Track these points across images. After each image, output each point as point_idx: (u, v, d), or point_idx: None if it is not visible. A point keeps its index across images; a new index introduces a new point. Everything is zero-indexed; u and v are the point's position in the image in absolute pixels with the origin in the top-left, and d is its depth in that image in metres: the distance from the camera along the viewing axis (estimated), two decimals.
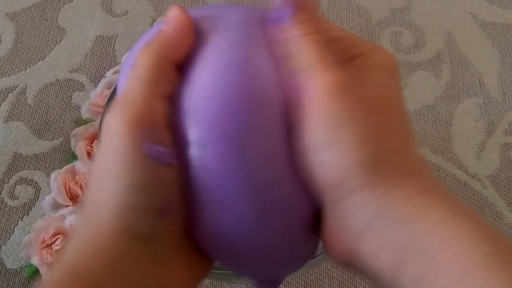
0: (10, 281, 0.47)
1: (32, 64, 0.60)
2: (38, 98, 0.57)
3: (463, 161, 0.53)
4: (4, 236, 0.49)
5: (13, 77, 0.59)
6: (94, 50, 0.61)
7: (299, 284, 0.46)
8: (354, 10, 0.65)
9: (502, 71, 0.59)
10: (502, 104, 0.57)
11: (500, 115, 0.56)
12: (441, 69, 0.60)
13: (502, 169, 0.53)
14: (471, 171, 0.52)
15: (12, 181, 0.52)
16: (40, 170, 0.53)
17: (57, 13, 0.64)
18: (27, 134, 0.55)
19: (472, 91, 0.58)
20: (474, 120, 0.56)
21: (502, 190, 0.51)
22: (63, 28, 0.63)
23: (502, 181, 0.52)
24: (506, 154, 0.54)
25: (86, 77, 0.59)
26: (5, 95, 0.57)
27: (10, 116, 0.56)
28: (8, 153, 0.54)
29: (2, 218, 0.50)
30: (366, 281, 0.46)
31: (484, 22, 0.64)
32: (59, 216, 0.48)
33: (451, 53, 0.61)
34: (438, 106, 0.57)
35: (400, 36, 0.62)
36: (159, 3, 0.65)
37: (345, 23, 0.63)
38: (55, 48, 0.61)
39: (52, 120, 0.56)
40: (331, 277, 0.47)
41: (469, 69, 0.60)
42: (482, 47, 0.61)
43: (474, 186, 0.51)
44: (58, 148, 0.54)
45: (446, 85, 0.58)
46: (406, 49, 0.61)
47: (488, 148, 0.54)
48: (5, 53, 0.61)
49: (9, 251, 0.48)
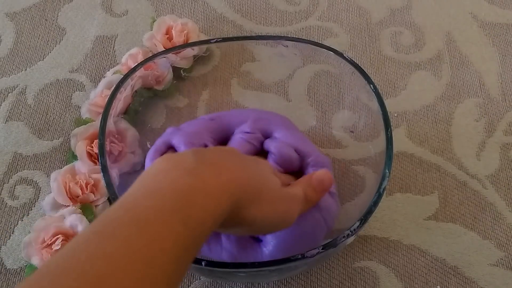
0: (10, 281, 0.47)
1: (32, 64, 0.60)
2: (38, 98, 0.57)
3: (463, 161, 0.53)
4: (4, 236, 0.49)
5: (13, 77, 0.59)
6: (94, 50, 0.61)
7: (299, 284, 0.46)
8: (354, 10, 0.65)
9: (502, 71, 0.59)
10: (502, 104, 0.57)
11: (500, 115, 0.56)
12: (441, 69, 0.60)
13: (502, 169, 0.53)
14: (471, 171, 0.52)
15: (12, 181, 0.52)
16: (40, 170, 0.53)
17: (57, 13, 0.64)
18: (27, 134, 0.55)
19: (472, 91, 0.58)
20: (474, 120, 0.56)
21: (502, 190, 0.51)
22: (63, 28, 0.63)
23: (502, 181, 0.52)
24: (506, 154, 0.54)
25: (86, 77, 0.59)
26: (5, 95, 0.57)
27: (10, 116, 0.56)
28: (8, 153, 0.54)
29: (2, 218, 0.50)
30: (366, 281, 0.46)
31: (484, 22, 0.64)
32: (59, 216, 0.48)
33: (451, 53, 0.61)
34: (438, 106, 0.57)
35: (400, 36, 0.62)
36: (159, 3, 0.65)
37: (345, 23, 0.63)
38: (55, 48, 0.61)
39: (52, 120, 0.56)
40: (331, 277, 0.47)
41: (469, 69, 0.60)
42: (482, 47, 0.61)
43: (474, 186, 0.51)
44: (58, 148, 0.54)
45: (446, 85, 0.58)
46: (406, 49, 0.61)
47: (488, 148, 0.54)
48: (5, 53, 0.61)
49: (9, 251, 0.48)
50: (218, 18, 0.64)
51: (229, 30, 0.63)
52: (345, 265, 0.47)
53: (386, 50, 0.61)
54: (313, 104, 0.54)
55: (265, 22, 0.63)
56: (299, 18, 0.64)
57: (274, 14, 0.64)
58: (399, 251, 0.48)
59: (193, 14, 0.64)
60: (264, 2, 0.65)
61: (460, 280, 0.46)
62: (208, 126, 0.45)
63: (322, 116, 0.53)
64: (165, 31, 0.58)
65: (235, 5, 0.65)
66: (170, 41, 0.58)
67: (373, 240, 0.48)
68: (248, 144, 0.44)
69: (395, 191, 0.51)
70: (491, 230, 0.49)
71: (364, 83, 0.44)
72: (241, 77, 0.57)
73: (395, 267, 0.47)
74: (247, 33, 0.62)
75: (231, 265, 0.36)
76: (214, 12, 0.64)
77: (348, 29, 0.63)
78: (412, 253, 0.48)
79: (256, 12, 0.64)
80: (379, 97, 0.43)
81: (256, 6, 0.65)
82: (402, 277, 0.47)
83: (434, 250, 0.48)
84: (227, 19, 0.64)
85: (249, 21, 0.64)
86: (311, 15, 0.64)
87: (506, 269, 0.47)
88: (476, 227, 0.49)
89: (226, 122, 0.46)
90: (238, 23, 0.63)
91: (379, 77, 0.59)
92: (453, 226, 0.49)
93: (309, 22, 0.63)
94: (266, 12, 0.64)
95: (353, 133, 0.51)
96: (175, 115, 0.53)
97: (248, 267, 0.36)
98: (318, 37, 0.62)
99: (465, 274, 0.47)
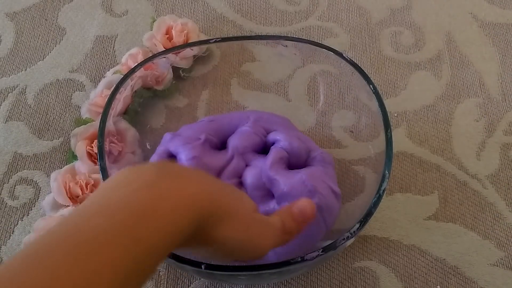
0: None
1: (32, 64, 0.60)
2: (38, 98, 0.57)
3: (463, 161, 0.53)
4: (4, 236, 0.49)
5: (13, 77, 0.59)
6: (94, 50, 0.61)
7: (299, 284, 0.46)
8: (354, 10, 0.65)
9: (502, 71, 0.59)
10: (502, 104, 0.57)
11: (500, 115, 0.56)
12: (441, 69, 0.59)
13: (502, 169, 0.53)
14: (471, 171, 0.52)
15: (12, 181, 0.52)
16: (40, 170, 0.53)
17: (57, 13, 0.64)
18: (27, 134, 0.55)
19: (472, 91, 0.58)
20: (474, 120, 0.56)
21: (502, 190, 0.51)
22: (63, 28, 0.63)
23: (502, 181, 0.52)
24: (506, 154, 0.54)
25: (86, 77, 0.59)
26: (5, 95, 0.57)
27: (10, 116, 0.56)
28: (8, 153, 0.54)
29: (2, 218, 0.50)
30: (366, 281, 0.46)
31: (484, 22, 0.63)
32: (59, 216, 0.48)
33: (451, 53, 0.61)
34: (438, 106, 0.57)
35: (400, 36, 0.62)
36: (159, 3, 0.65)
37: (345, 23, 0.63)
38: (55, 48, 0.61)
39: (52, 120, 0.56)
40: (331, 277, 0.47)
41: (469, 69, 0.59)
42: (482, 47, 0.61)
43: (474, 186, 0.51)
44: (58, 148, 0.54)
45: (446, 85, 0.58)
46: (406, 49, 0.61)
47: (488, 148, 0.54)
48: (5, 53, 0.61)
49: (9, 251, 0.48)
50: (218, 18, 0.64)
51: (229, 30, 0.63)
52: (345, 265, 0.47)
53: (386, 50, 0.61)
54: (313, 104, 0.54)
55: (265, 22, 0.63)
56: (299, 18, 0.64)
57: (274, 14, 0.64)
58: (399, 251, 0.48)
59: (193, 14, 0.64)
60: (264, 2, 0.65)
61: (460, 280, 0.46)
62: (208, 127, 0.45)
63: (322, 116, 0.53)
64: (165, 31, 0.58)
65: (235, 5, 0.65)
66: (170, 41, 0.58)
67: (373, 240, 0.48)
68: (256, 136, 0.44)
69: (395, 191, 0.51)
70: (491, 230, 0.49)
71: (364, 83, 0.44)
72: (241, 77, 0.57)
73: (395, 267, 0.47)
74: (247, 33, 0.62)
75: (231, 268, 0.36)
76: (214, 12, 0.64)
77: (348, 29, 0.63)
78: (412, 253, 0.48)
79: (256, 12, 0.64)
80: (379, 97, 0.43)
81: (256, 6, 0.65)
82: (402, 277, 0.47)
83: (434, 250, 0.48)
84: (227, 19, 0.64)
85: (249, 21, 0.64)
86: (311, 15, 0.64)
87: (506, 269, 0.47)
88: (476, 227, 0.49)
89: (226, 122, 0.46)
90: (238, 23, 0.63)
91: (379, 77, 0.59)
92: (453, 226, 0.49)
93: (309, 22, 0.63)
94: (266, 12, 0.64)
95: (353, 133, 0.51)
96: (175, 115, 0.53)
97: (248, 270, 0.36)
98: (318, 37, 0.62)
99: (465, 274, 0.47)
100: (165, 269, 0.47)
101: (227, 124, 0.46)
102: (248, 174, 0.42)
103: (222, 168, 0.43)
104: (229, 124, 0.46)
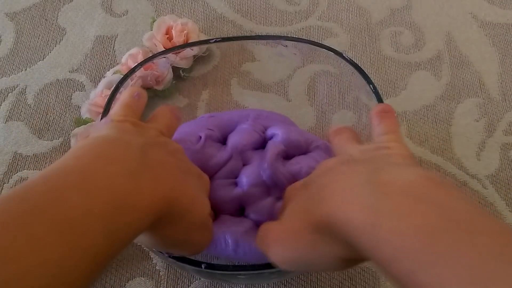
0: None
1: (32, 64, 0.60)
2: (38, 98, 0.57)
3: (463, 161, 0.53)
4: None
5: (13, 77, 0.59)
6: (94, 50, 0.61)
7: (299, 284, 0.46)
8: (354, 10, 0.65)
9: (502, 71, 0.59)
10: (502, 104, 0.57)
11: (500, 115, 0.56)
12: (441, 69, 0.59)
13: (502, 169, 0.53)
14: (471, 171, 0.52)
15: (12, 181, 0.52)
16: (40, 170, 0.53)
17: (57, 13, 0.64)
18: (27, 134, 0.55)
19: (472, 91, 0.58)
20: (474, 120, 0.56)
21: (502, 190, 0.51)
22: (63, 28, 0.63)
23: (502, 181, 0.52)
24: (506, 154, 0.54)
25: (86, 77, 0.59)
26: (5, 95, 0.57)
27: (10, 116, 0.56)
28: (8, 153, 0.54)
29: None
30: (366, 281, 0.46)
31: (484, 22, 0.64)
32: None
33: (451, 53, 0.61)
34: (438, 106, 0.57)
35: (400, 36, 0.62)
36: (159, 3, 0.65)
37: (345, 23, 0.63)
38: (55, 48, 0.61)
39: (52, 120, 0.56)
40: (331, 277, 0.47)
41: (469, 69, 0.59)
42: (482, 47, 0.61)
43: (474, 186, 0.51)
44: (58, 148, 0.54)
45: (446, 85, 0.58)
46: (406, 49, 0.61)
47: (488, 148, 0.54)
48: (5, 53, 0.61)
49: None
50: (218, 18, 0.64)
51: (229, 30, 0.63)
52: None
53: (386, 50, 0.61)
54: (313, 104, 0.54)
55: (265, 22, 0.63)
56: (299, 18, 0.64)
57: (274, 14, 0.64)
58: None
59: (193, 14, 0.64)
60: (264, 2, 0.65)
61: None
62: (208, 122, 0.46)
63: (322, 116, 0.53)
64: (165, 31, 0.58)
65: (235, 5, 0.65)
66: (170, 41, 0.58)
67: None
68: (256, 134, 0.44)
69: None
70: None
71: (364, 83, 0.44)
72: (241, 77, 0.57)
73: None
74: (247, 33, 0.62)
75: (231, 267, 0.36)
76: (214, 12, 0.64)
77: (348, 29, 0.63)
78: None
79: (256, 12, 0.64)
80: (379, 97, 0.43)
81: (256, 6, 0.65)
82: None
83: None
84: (227, 19, 0.64)
85: (249, 21, 0.64)
86: (311, 15, 0.64)
87: None
88: None
89: (226, 119, 0.46)
90: (238, 23, 0.63)
91: (379, 77, 0.59)
92: None
93: (309, 22, 0.63)
94: (266, 12, 0.64)
95: None
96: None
97: (248, 269, 0.36)
98: (318, 37, 0.62)
99: None
100: (165, 269, 0.47)
101: (227, 120, 0.46)
102: (246, 172, 0.42)
103: (218, 167, 0.43)
104: (229, 121, 0.46)
